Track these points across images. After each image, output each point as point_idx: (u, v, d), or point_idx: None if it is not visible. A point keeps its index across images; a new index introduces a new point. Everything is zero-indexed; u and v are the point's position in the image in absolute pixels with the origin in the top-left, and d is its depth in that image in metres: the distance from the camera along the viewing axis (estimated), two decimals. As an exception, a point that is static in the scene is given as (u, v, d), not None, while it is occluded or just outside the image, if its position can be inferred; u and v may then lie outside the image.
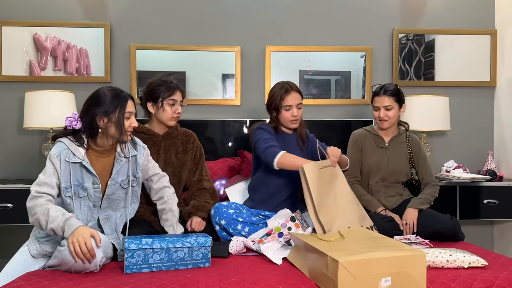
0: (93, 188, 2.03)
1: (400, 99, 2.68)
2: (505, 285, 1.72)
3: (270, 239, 2.19)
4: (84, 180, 2.02)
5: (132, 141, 2.16)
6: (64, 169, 1.98)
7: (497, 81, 3.59)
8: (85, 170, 2.01)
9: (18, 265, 1.97)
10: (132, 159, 2.15)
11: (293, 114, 2.51)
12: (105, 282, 1.70)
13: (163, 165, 2.43)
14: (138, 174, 2.17)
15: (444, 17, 3.57)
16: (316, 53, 3.50)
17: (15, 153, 3.32)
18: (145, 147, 2.23)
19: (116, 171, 2.08)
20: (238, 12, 3.46)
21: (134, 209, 2.20)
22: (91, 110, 1.99)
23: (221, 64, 3.45)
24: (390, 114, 2.65)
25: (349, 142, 2.79)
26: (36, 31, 3.32)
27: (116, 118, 1.99)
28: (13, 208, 2.91)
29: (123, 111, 2.01)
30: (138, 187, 2.20)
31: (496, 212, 3.19)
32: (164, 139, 2.48)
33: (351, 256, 1.62)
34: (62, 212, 1.87)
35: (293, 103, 2.51)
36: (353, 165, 2.70)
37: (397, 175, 2.72)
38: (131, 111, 2.05)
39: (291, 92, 2.52)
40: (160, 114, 2.43)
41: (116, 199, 2.12)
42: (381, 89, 2.67)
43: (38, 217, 1.87)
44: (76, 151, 2.00)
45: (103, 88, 2.05)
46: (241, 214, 2.37)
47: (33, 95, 3.02)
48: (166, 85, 2.42)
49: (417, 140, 2.77)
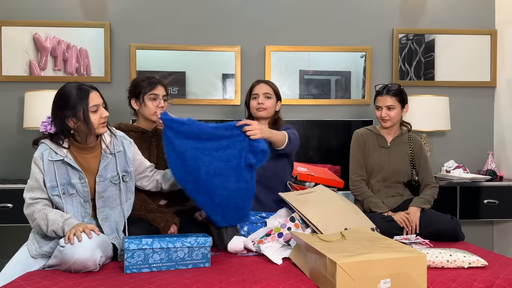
0: (80, 183, 2.04)
1: (403, 99, 2.68)
2: (505, 285, 1.71)
3: (269, 240, 2.18)
4: (71, 176, 2.02)
5: (111, 132, 2.14)
6: (48, 169, 1.99)
7: (497, 81, 3.59)
8: (69, 166, 2.02)
9: (18, 265, 1.97)
10: (120, 154, 2.15)
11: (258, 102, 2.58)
12: (105, 282, 1.70)
13: (156, 160, 2.45)
14: (130, 168, 2.17)
15: (444, 17, 3.57)
16: (316, 53, 3.50)
17: (15, 153, 3.32)
18: (131, 141, 2.23)
19: (103, 167, 2.08)
20: (238, 12, 3.46)
21: (130, 205, 2.20)
22: (58, 114, 1.99)
23: (221, 64, 3.45)
24: (392, 114, 2.65)
25: (351, 141, 2.78)
26: (36, 31, 3.32)
27: (82, 116, 1.97)
28: (13, 208, 2.92)
29: (87, 106, 1.98)
30: (131, 182, 2.19)
31: (496, 212, 3.19)
32: (154, 135, 2.50)
33: (350, 257, 1.61)
34: (61, 214, 1.94)
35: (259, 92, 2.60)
36: (358, 163, 2.70)
37: (399, 175, 2.71)
38: (97, 103, 2.01)
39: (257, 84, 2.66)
40: (143, 109, 2.46)
41: (110, 197, 2.12)
42: (384, 88, 2.67)
43: (38, 223, 1.95)
44: (58, 150, 2.01)
45: (65, 87, 2.02)
46: None
47: (33, 95, 3.02)
48: (147, 81, 2.45)
49: (419, 141, 2.77)
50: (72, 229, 1.85)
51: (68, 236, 1.83)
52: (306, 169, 2.89)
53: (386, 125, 2.69)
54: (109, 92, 3.35)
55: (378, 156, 2.71)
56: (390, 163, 2.70)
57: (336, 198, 2.42)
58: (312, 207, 2.28)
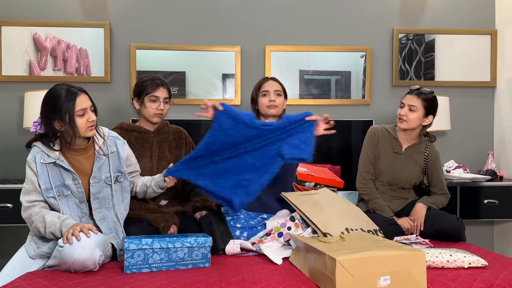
0: (74, 184, 2.04)
1: (429, 107, 2.56)
2: (505, 285, 1.71)
3: (270, 239, 2.19)
4: (65, 178, 2.03)
5: (99, 135, 2.12)
6: (41, 172, 1.99)
7: (497, 81, 3.59)
8: (62, 168, 2.02)
9: (17, 265, 1.97)
10: (113, 155, 2.15)
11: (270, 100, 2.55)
12: (105, 282, 1.70)
13: (157, 160, 2.44)
14: (124, 168, 2.17)
15: (444, 17, 3.57)
16: (316, 53, 3.50)
17: (15, 153, 3.31)
18: (124, 142, 2.22)
19: (97, 168, 2.08)
20: (238, 12, 3.46)
21: (127, 204, 2.20)
22: (45, 115, 1.99)
23: (221, 64, 3.45)
24: (411, 116, 2.55)
25: (366, 136, 2.70)
26: (36, 31, 3.31)
27: (68, 119, 1.95)
28: (13, 208, 2.91)
29: (73, 110, 1.96)
30: (126, 181, 2.19)
31: (496, 212, 3.19)
32: (156, 135, 2.50)
33: (349, 254, 1.62)
34: (58, 215, 1.94)
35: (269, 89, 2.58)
36: (369, 161, 2.65)
37: (406, 183, 2.67)
38: (84, 107, 1.99)
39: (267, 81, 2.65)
40: (143, 110, 2.47)
41: (105, 198, 2.12)
42: (417, 89, 2.59)
43: (36, 225, 1.95)
44: (50, 152, 2.01)
45: (54, 89, 2.00)
46: (238, 220, 2.33)
47: (33, 95, 3.02)
48: (150, 82, 2.44)
49: (436, 153, 2.67)
50: (70, 229, 1.85)
51: (66, 236, 1.83)
52: (306, 169, 2.89)
53: (401, 125, 2.60)
54: (109, 92, 3.36)
55: (390, 162, 2.63)
56: (400, 171, 2.63)
57: (339, 200, 2.41)
58: (313, 206, 2.27)
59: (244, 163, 2.14)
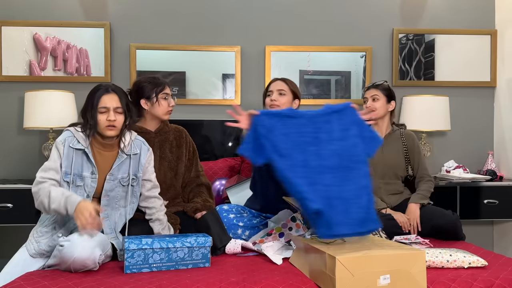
0: (90, 178, 2.06)
1: (389, 94, 2.76)
2: (505, 285, 1.72)
3: (271, 239, 2.19)
4: (84, 169, 2.06)
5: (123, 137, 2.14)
6: (67, 154, 2.04)
7: (497, 81, 3.59)
8: (86, 158, 2.06)
9: (17, 265, 1.97)
10: (135, 157, 2.17)
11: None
12: (105, 282, 1.70)
13: (159, 160, 2.44)
14: (139, 173, 2.18)
15: (444, 17, 3.57)
16: (316, 53, 3.50)
17: (15, 153, 3.31)
18: (149, 149, 2.24)
19: (116, 166, 2.11)
20: (238, 12, 3.46)
21: (133, 209, 2.20)
22: (84, 104, 2.10)
23: (221, 64, 3.45)
24: (377, 105, 2.73)
25: None
26: (36, 31, 3.31)
27: (92, 112, 2.05)
28: (13, 208, 2.91)
29: (96, 105, 2.05)
30: (138, 187, 2.20)
31: (496, 212, 3.19)
32: (157, 135, 2.50)
33: (349, 253, 1.63)
34: (62, 192, 1.94)
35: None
36: None
37: (395, 170, 2.72)
38: (106, 106, 2.06)
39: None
40: (156, 109, 2.45)
41: (115, 197, 2.13)
42: (372, 84, 2.82)
43: (42, 200, 1.95)
44: (81, 139, 2.07)
45: (99, 84, 2.13)
46: (241, 218, 2.34)
47: (33, 95, 3.02)
48: (155, 81, 2.46)
49: (411, 135, 2.79)
50: (84, 211, 1.83)
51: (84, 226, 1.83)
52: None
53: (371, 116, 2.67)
54: (109, 92, 3.36)
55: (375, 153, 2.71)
56: (384, 158, 2.70)
57: None
58: None
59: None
